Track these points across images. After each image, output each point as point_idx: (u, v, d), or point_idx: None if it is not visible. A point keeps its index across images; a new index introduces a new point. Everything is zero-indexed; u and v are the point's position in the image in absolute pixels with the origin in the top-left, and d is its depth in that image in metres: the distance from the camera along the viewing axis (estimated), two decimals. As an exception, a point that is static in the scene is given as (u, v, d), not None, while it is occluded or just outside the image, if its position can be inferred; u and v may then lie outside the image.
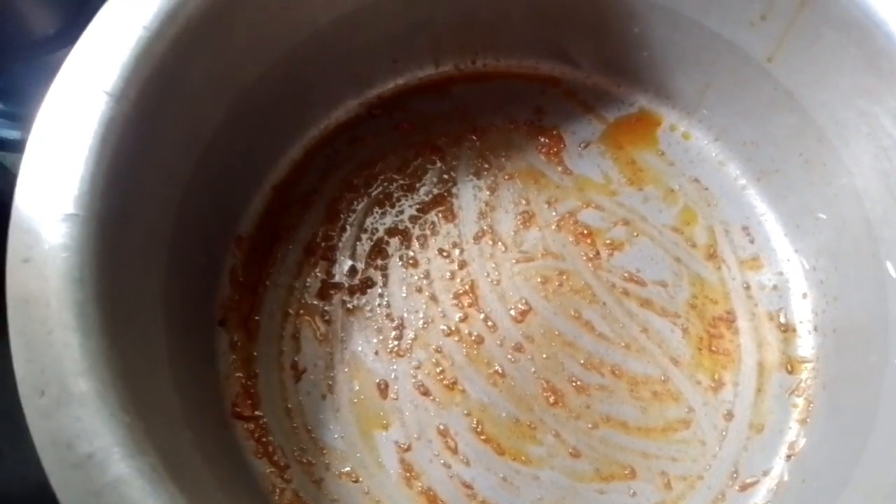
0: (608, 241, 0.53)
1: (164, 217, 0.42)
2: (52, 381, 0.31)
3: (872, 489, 0.37)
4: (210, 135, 0.46)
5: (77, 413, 0.30)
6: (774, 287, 0.51)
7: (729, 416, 0.48)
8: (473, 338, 0.50)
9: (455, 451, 0.47)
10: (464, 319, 0.50)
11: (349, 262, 0.52)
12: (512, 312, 0.51)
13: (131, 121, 0.37)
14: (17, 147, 0.50)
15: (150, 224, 0.40)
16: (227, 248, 0.51)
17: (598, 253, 0.52)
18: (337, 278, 0.51)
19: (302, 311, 0.50)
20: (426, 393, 0.48)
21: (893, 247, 0.43)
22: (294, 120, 0.54)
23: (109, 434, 0.30)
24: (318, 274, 0.51)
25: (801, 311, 0.50)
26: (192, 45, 0.41)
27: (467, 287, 0.51)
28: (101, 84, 0.36)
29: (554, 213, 0.54)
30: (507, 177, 0.55)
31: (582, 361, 0.49)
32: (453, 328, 0.50)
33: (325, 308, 0.50)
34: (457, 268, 0.52)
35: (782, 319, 0.50)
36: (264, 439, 0.47)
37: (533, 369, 0.49)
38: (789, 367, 0.49)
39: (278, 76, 0.49)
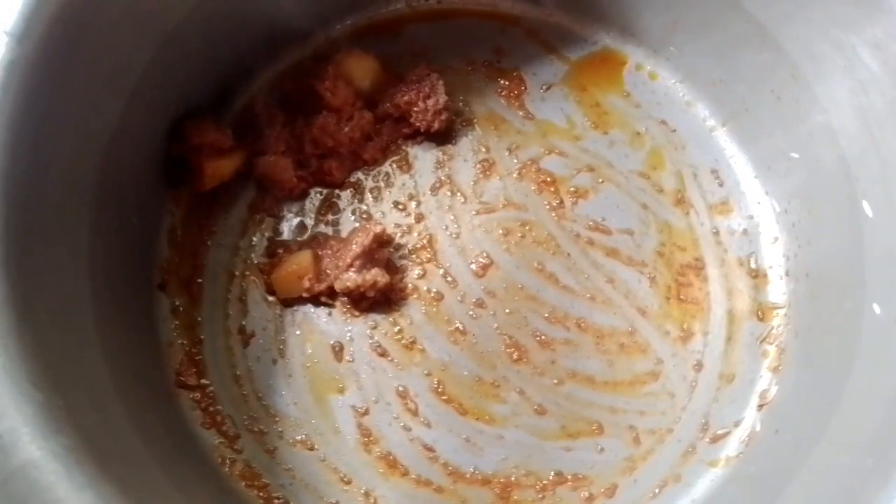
0: (572, 189, 0.50)
1: (84, 172, 0.38)
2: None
3: (849, 439, 0.36)
4: (133, 83, 0.41)
5: (-20, 392, 0.27)
6: (744, 232, 0.49)
7: (698, 366, 0.46)
8: (433, 295, 0.47)
9: (415, 413, 0.45)
10: (422, 276, 0.48)
11: (297, 219, 0.48)
12: (473, 267, 0.48)
13: (37, 64, 0.33)
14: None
15: (67, 180, 0.37)
16: (164, 206, 0.47)
17: (561, 202, 0.50)
18: (285, 235, 0.48)
19: (248, 272, 0.47)
20: (384, 354, 0.46)
21: (870, 185, 0.41)
22: (234, 64, 0.49)
23: (17, 414, 0.27)
24: (265, 231, 0.48)
25: (772, 256, 0.48)
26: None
27: (425, 241, 0.48)
28: (1, 25, 0.32)
29: (515, 161, 0.51)
30: (464, 123, 0.51)
31: (546, 315, 0.47)
32: (411, 285, 0.47)
33: (274, 268, 0.47)
34: (413, 221, 0.49)
35: (753, 265, 0.48)
36: (212, 409, 0.44)
37: (495, 325, 0.46)
38: (760, 315, 0.47)
39: (211, 15, 0.45)
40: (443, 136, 0.51)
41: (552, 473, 0.44)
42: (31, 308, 0.30)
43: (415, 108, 0.49)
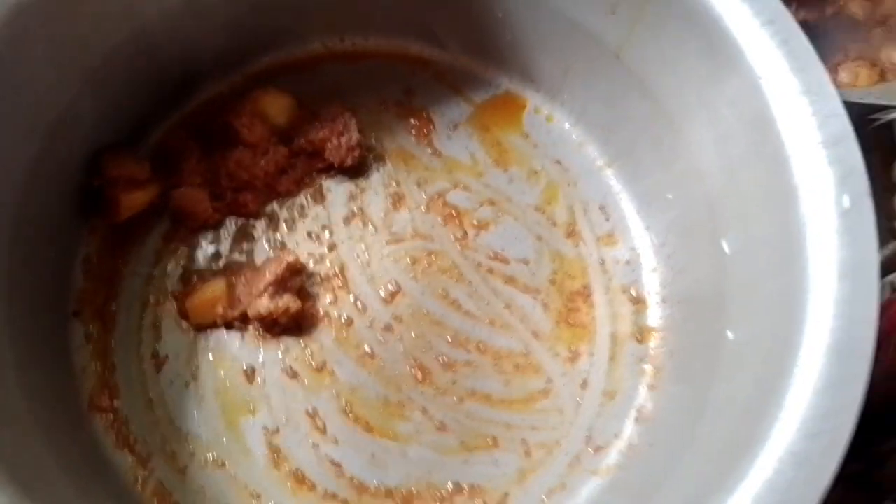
0: (475, 222, 0.54)
1: (1, 211, 0.40)
2: None
3: (707, 447, 0.41)
4: (54, 118, 0.43)
5: None
6: (627, 262, 0.54)
7: (584, 384, 0.51)
8: (343, 320, 0.50)
9: (323, 431, 0.47)
10: (333, 302, 0.51)
11: (212, 247, 0.51)
12: (381, 294, 0.51)
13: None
14: None
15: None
16: (79, 236, 0.48)
17: (465, 233, 0.54)
18: (200, 263, 0.50)
19: (162, 299, 0.49)
20: (294, 377, 0.48)
21: (729, 225, 0.46)
22: (150, 101, 0.51)
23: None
24: (179, 260, 0.50)
25: (651, 284, 0.53)
26: (31, 24, 0.38)
27: (337, 269, 0.51)
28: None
29: (423, 195, 0.54)
30: (376, 158, 0.55)
31: (449, 339, 0.50)
32: (322, 311, 0.50)
33: (188, 295, 0.49)
34: (326, 250, 0.52)
35: (633, 292, 0.53)
36: (124, 430, 0.46)
37: (402, 349, 0.50)
38: (640, 337, 0.52)
39: (129, 54, 0.47)
40: (355, 170, 0.54)
41: (451, 485, 0.47)
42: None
43: (329, 145, 0.52)
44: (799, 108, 0.40)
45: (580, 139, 0.57)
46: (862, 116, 0.53)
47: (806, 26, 0.51)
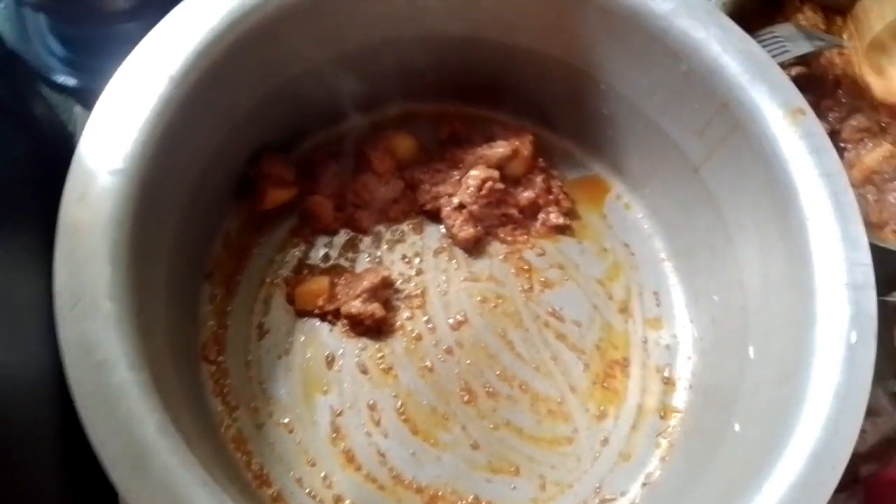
0: (542, 279, 0.62)
1: (183, 186, 0.51)
2: (85, 297, 0.39)
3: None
4: (236, 120, 0.54)
5: (100, 326, 0.39)
6: (667, 346, 0.61)
7: (605, 442, 0.58)
8: (414, 335, 0.59)
9: (378, 423, 0.56)
10: (410, 318, 0.60)
11: (325, 249, 0.61)
12: (451, 321, 0.60)
13: (183, 103, 0.46)
14: (72, 92, 0.58)
15: (173, 189, 0.49)
16: (226, 215, 0.59)
17: (532, 287, 0.62)
18: (311, 260, 0.60)
19: (277, 281, 0.59)
20: (365, 371, 0.58)
21: (758, 335, 0.53)
22: (307, 120, 0.62)
23: (121, 348, 0.39)
24: (297, 253, 0.60)
25: (683, 371, 0.60)
26: (243, 50, 0.49)
27: (419, 292, 0.61)
28: (167, 69, 0.45)
29: (504, 247, 0.63)
30: (474, 208, 0.64)
31: (498, 373, 0.59)
32: (399, 323, 0.59)
33: (297, 283, 0.59)
34: (414, 273, 0.61)
35: (667, 374, 0.60)
36: (222, 381, 0.56)
37: (457, 371, 0.58)
38: (663, 413, 0.59)
39: (302, 83, 0.58)
40: (453, 214, 0.63)
41: (472, 496, 0.55)
42: (138, 277, 0.42)
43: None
44: (834, 252, 0.47)
45: (650, 230, 0.65)
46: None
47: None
